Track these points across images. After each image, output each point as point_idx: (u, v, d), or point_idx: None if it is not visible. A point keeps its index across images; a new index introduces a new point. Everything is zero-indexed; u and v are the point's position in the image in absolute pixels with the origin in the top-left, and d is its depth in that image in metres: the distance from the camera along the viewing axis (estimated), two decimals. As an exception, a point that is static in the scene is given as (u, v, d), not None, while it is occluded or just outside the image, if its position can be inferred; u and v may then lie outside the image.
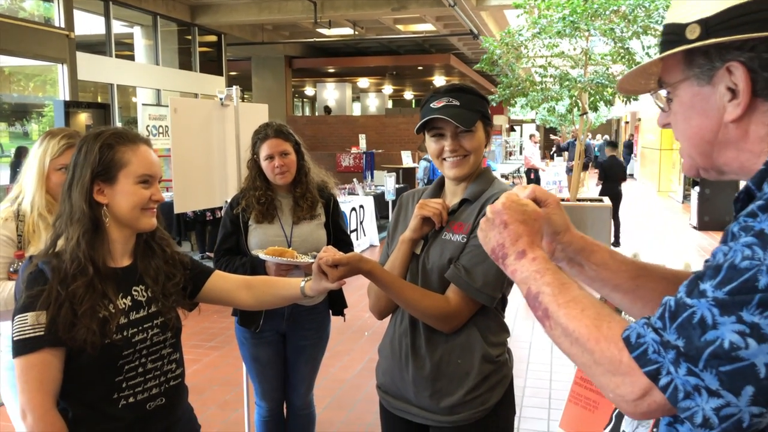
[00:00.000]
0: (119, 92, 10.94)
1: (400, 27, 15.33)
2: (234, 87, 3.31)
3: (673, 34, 0.84)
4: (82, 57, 9.05)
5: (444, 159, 1.66)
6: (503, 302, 1.72)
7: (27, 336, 1.40)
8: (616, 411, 2.11)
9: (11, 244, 2.18)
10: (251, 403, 2.98)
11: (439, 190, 1.79)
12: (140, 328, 1.52)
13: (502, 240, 0.96)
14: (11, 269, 2.19)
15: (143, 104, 10.45)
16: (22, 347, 1.40)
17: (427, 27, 15.05)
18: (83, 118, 7.87)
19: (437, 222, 1.66)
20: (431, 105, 1.64)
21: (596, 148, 24.51)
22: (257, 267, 2.50)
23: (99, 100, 11.25)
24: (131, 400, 1.50)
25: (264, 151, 2.60)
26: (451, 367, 1.64)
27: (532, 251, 0.93)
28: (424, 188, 1.85)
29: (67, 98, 8.40)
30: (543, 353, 5.00)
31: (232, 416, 3.84)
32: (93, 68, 9.77)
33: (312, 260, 1.77)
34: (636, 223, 11.28)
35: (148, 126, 9.57)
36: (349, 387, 4.29)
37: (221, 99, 3.23)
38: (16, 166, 9.20)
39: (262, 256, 2.36)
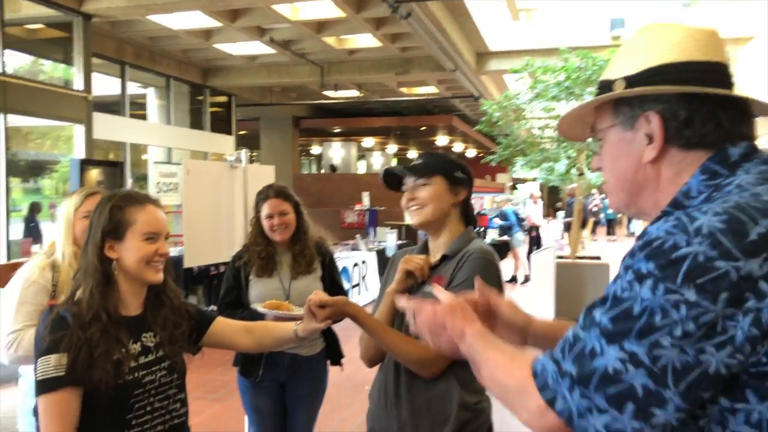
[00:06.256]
0: (132, 150, 11.29)
1: (404, 90, 15.81)
2: (243, 150, 3.55)
3: (604, 88, 1.05)
4: (97, 117, 9.41)
5: (409, 210, 1.87)
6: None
7: (50, 376, 1.55)
8: None
9: (46, 293, 2.32)
10: (251, 453, 3.08)
11: (425, 249, 1.98)
12: (149, 370, 1.68)
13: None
14: None
15: (155, 162, 10.76)
16: (45, 386, 1.55)
17: (430, 90, 15.52)
18: (94, 174, 8.16)
19: (419, 275, 1.83)
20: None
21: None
22: (256, 320, 2.66)
23: (111, 157, 11.59)
24: (139, 436, 1.65)
25: (265, 210, 2.80)
26: (431, 413, 1.75)
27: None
28: (413, 248, 2.04)
29: (83, 156, 8.68)
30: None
31: (231, 468, 3.91)
32: (108, 127, 10.12)
33: None
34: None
35: (158, 183, 9.83)
36: (348, 440, 4.35)
37: (230, 161, 3.46)
38: (29, 221, 9.41)
39: (260, 309, 2.51)
